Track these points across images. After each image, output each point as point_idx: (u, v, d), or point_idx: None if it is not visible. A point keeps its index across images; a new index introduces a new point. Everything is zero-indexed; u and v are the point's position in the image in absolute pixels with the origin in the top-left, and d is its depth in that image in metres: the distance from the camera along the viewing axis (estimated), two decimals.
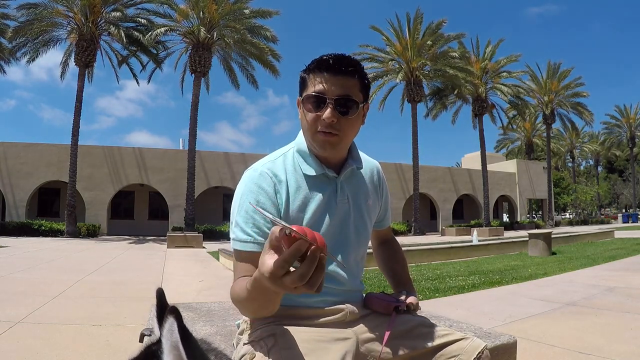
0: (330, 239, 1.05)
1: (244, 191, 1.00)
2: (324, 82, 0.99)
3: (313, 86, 1.00)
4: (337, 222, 1.07)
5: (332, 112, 0.98)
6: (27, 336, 2.88)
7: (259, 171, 1.02)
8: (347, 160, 1.10)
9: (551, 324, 3.29)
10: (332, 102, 0.98)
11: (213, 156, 22.57)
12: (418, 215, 22.84)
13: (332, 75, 0.99)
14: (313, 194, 1.04)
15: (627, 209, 54.49)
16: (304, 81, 1.03)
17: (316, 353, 0.92)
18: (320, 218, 1.04)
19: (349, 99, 0.99)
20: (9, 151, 19.36)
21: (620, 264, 7.24)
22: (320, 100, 0.99)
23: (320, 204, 1.04)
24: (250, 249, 0.95)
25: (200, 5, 17.61)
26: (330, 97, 0.98)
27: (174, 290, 5.07)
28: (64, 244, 12.72)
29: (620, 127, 45.69)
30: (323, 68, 0.99)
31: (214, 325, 1.65)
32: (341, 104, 0.99)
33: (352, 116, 1.01)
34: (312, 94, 0.99)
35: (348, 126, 1.02)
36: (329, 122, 0.98)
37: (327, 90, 0.98)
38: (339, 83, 0.99)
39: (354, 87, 1.01)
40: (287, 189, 1.02)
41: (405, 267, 1.30)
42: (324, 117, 0.98)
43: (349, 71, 1.00)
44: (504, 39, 26.22)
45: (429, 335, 1.03)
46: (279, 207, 1.00)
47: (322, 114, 0.99)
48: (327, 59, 1.00)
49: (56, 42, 18.83)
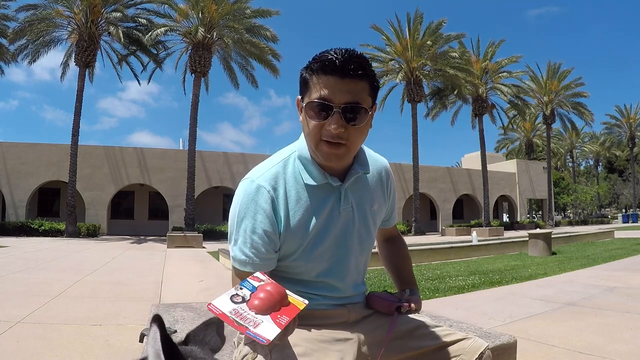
0: (332, 250, 1.03)
1: (241, 208, 0.96)
2: (329, 87, 0.89)
3: (317, 91, 0.90)
4: (340, 232, 1.03)
5: (338, 122, 0.89)
6: (27, 336, 2.88)
7: (256, 184, 0.96)
8: (352, 166, 1.02)
9: (551, 324, 3.29)
10: (339, 110, 0.89)
11: (213, 156, 22.57)
12: (418, 215, 22.84)
13: (339, 78, 0.88)
14: (315, 205, 0.98)
15: (627, 209, 54.48)
16: (306, 82, 0.93)
17: (317, 353, 0.92)
18: (322, 231, 1.00)
19: (357, 106, 0.90)
20: (9, 151, 19.35)
21: (620, 264, 7.23)
22: (326, 107, 0.89)
23: (322, 216, 0.99)
24: (249, 270, 0.94)
25: (200, 5, 17.61)
26: (337, 105, 0.89)
27: (174, 290, 5.07)
28: (64, 244, 12.72)
29: (620, 127, 45.65)
30: (329, 70, 0.89)
31: None
32: (349, 111, 0.89)
33: (361, 125, 0.92)
34: (316, 100, 0.90)
35: (356, 135, 0.93)
36: (336, 133, 0.90)
37: (333, 97, 0.89)
38: (346, 88, 0.89)
39: (363, 92, 0.91)
40: (286, 202, 0.97)
41: (409, 266, 1.27)
42: (329, 128, 0.89)
43: (357, 74, 0.89)
44: (504, 39, 26.23)
45: (430, 335, 1.03)
46: (276, 225, 0.96)
47: (327, 123, 0.90)
48: (333, 59, 0.89)
49: (57, 43, 18.86)
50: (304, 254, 0.99)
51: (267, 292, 0.75)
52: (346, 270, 1.06)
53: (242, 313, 0.70)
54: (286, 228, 0.97)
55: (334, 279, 1.04)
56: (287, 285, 1.03)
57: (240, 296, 0.74)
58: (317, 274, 1.02)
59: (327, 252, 1.02)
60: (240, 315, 0.69)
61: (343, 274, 1.05)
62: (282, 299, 0.76)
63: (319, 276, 1.03)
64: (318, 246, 0.99)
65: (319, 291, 1.03)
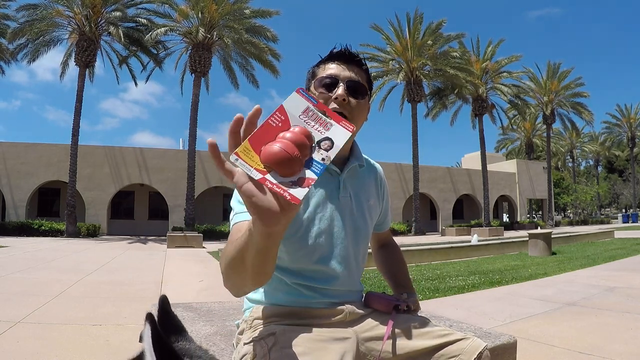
0: (331, 234, 1.05)
1: None
2: (335, 68, 1.06)
3: (324, 71, 1.06)
4: (339, 218, 1.07)
5: (344, 90, 1.03)
6: (27, 336, 2.88)
7: None
8: (349, 159, 1.12)
9: (551, 324, 3.29)
10: (344, 82, 1.04)
11: None
12: (418, 215, 22.84)
13: (343, 62, 1.07)
14: (316, 188, 1.05)
15: (627, 209, 54.48)
16: (314, 72, 1.09)
17: (316, 352, 0.92)
18: (322, 213, 1.04)
19: (359, 82, 1.06)
20: (9, 151, 19.35)
21: (620, 264, 7.23)
22: (333, 81, 1.04)
23: (323, 199, 1.05)
24: (248, 218, 0.88)
25: (200, 5, 17.62)
26: (342, 79, 1.04)
27: (174, 290, 5.07)
28: (64, 244, 12.72)
29: (620, 127, 45.67)
30: (334, 57, 1.07)
31: (214, 325, 1.66)
32: (352, 86, 1.04)
33: (362, 100, 1.06)
34: (325, 75, 1.05)
35: (357, 110, 1.05)
36: (341, 100, 1.02)
37: (339, 73, 1.05)
38: (349, 69, 1.06)
39: (362, 77, 1.08)
40: None
41: (405, 269, 1.30)
42: (336, 95, 1.02)
43: (358, 61, 1.08)
44: (504, 39, 26.19)
45: (429, 335, 1.03)
46: None
47: (333, 94, 1.03)
48: (339, 50, 1.08)
49: (57, 43, 18.83)
50: (304, 235, 1.02)
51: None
52: (346, 257, 1.07)
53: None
54: None
55: (333, 266, 1.05)
56: (286, 277, 1.03)
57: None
58: (316, 259, 1.03)
59: (326, 235, 1.04)
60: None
61: (343, 261, 1.07)
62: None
63: (319, 262, 1.03)
64: (317, 228, 1.03)
65: (318, 283, 1.04)
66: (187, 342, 0.59)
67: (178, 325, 0.62)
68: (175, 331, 0.60)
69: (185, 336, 0.60)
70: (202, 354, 0.57)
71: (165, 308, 0.61)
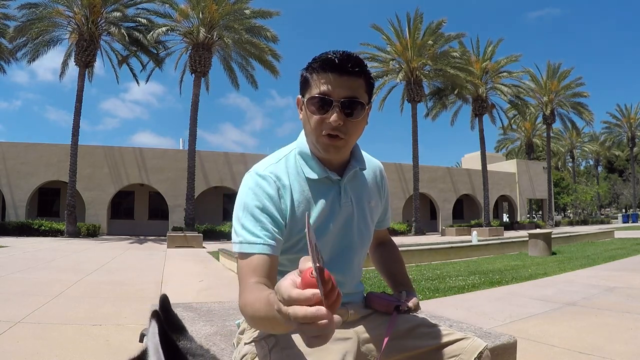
0: (334, 243, 1.04)
1: (249, 194, 0.97)
2: (329, 83, 0.95)
3: (317, 87, 0.96)
4: (341, 225, 1.05)
5: (338, 115, 0.94)
6: (27, 336, 2.88)
7: (262, 175, 0.99)
8: (350, 162, 1.08)
9: (551, 324, 3.29)
10: (338, 104, 0.94)
11: (213, 156, 22.57)
12: (418, 215, 22.85)
13: (338, 75, 0.94)
14: (317, 198, 1.02)
15: (627, 209, 54.47)
16: (307, 81, 0.99)
17: (317, 353, 0.92)
18: (325, 223, 1.02)
19: (355, 100, 0.96)
20: (9, 151, 19.35)
21: (620, 264, 7.23)
22: (326, 102, 0.95)
23: (325, 208, 1.02)
24: (259, 251, 0.91)
25: (200, 5, 17.62)
26: (337, 99, 0.94)
27: (174, 290, 5.07)
28: (64, 244, 12.72)
29: (620, 126, 45.66)
30: (328, 68, 0.94)
31: (214, 325, 1.66)
32: (347, 105, 0.95)
33: (358, 118, 0.98)
34: (317, 95, 0.95)
35: (354, 129, 0.99)
36: (335, 126, 0.95)
37: (332, 91, 0.94)
38: (345, 84, 0.95)
39: (360, 88, 0.97)
40: (291, 194, 1.00)
41: (404, 268, 1.28)
42: (329, 121, 0.95)
43: (355, 71, 0.95)
44: (503, 39, 26.31)
45: (429, 335, 1.03)
46: (284, 212, 0.98)
47: (327, 116, 0.95)
48: (332, 58, 0.94)
49: (57, 42, 18.85)
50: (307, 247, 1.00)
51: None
52: (349, 263, 1.07)
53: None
54: (291, 217, 0.98)
55: (337, 274, 1.04)
56: None
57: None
58: None
59: (329, 244, 1.03)
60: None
61: (346, 268, 1.07)
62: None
63: None
64: (321, 238, 1.01)
65: None
66: (189, 342, 0.59)
67: (179, 325, 0.62)
68: (176, 330, 0.60)
69: (186, 335, 0.60)
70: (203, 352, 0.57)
71: (166, 307, 0.61)
